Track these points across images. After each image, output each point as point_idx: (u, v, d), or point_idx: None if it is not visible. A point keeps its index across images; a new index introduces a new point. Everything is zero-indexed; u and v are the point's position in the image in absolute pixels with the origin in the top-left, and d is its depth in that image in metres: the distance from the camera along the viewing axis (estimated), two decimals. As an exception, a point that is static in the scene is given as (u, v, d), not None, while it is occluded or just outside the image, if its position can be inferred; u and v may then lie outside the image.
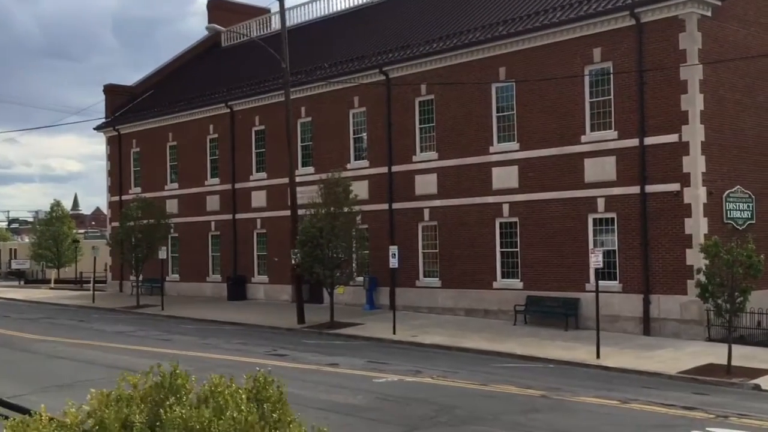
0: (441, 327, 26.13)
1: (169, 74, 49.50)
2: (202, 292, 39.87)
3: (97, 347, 19.73)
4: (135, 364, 17.05)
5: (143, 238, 35.98)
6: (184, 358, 18.36)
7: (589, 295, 25.00)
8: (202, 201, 40.14)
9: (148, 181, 43.35)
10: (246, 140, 37.82)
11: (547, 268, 26.23)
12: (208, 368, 16.50)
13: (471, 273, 28.43)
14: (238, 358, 18.30)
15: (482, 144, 28.14)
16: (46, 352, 17.69)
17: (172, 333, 24.73)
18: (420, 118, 30.38)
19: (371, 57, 32.51)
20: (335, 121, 33.43)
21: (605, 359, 19.93)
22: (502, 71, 27.49)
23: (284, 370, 16.51)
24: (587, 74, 25.22)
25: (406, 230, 30.56)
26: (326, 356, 19.17)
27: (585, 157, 25.27)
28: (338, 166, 32.56)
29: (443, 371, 16.69)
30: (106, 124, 46.73)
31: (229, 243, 38.55)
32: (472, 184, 28.46)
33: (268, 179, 36.63)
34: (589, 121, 25.26)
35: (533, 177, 26.65)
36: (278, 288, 36.15)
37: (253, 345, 21.51)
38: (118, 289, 45.16)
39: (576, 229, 25.47)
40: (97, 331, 24.80)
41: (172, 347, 20.38)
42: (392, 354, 20.62)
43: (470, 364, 18.93)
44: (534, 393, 14.09)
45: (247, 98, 37.56)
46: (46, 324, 27.45)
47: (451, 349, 22.43)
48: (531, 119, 26.67)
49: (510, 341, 22.98)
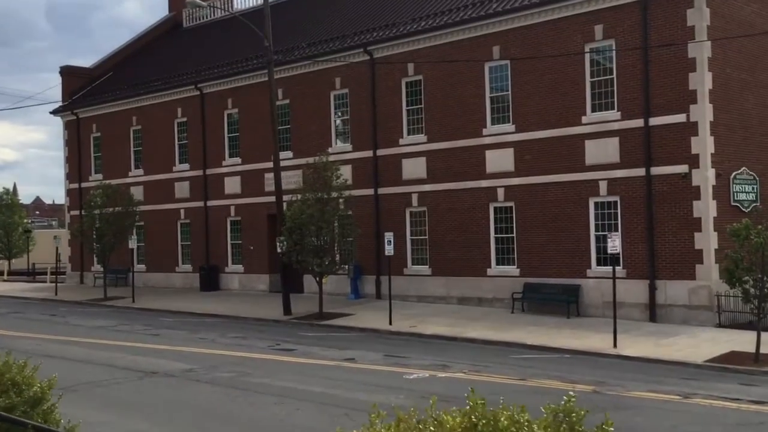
0: (437, 316, 25.10)
1: (128, 56, 47.29)
2: (171, 282, 38.10)
3: (85, 344, 18.17)
4: (134, 363, 15.63)
5: (110, 226, 34.05)
6: (183, 355, 17.01)
7: (590, 282, 24.30)
8: (170, 187, 38.31)
9: (110, 167, 41.25)
10: (218, 124, 36.12)
11: (545, 254, 25.37)
12: (218, 366, 15.17)
13: (463, 260, 27.43)
14: (243, 354, 16.97)
15: (475, 126, 27.10)
16: (32, 351, 16.01)
17: (156, 327, 23.16)
18: (407, 100, 29.17)
19: (354, 36, 31.17)
20: (315, 103, 32.01)
21: (622, 348, 19.14)
22: (496, 50, 26.45)
23: (302, 367, 15.30)
24: (588, 52, 24.35)
25: (393, 216, 29.39)
26: (337, 350, 17.94)
27: (586, 139, 24.42)
28: (319, 150, 31.21)
29: (471, 365, 15.63)
30: (64, 107, 44.35)
31: (200, 231, 36.85)
32: (464, 168, 27.42)
33: (242, 164, 35.03)
34: (590, 102, 24.40)
35: (530, 160, 25.72)
36: (254, 277, 34.67)
37: (252, 339, 20.14)
38: (79, 280, 43.01)
39: (576, 214, 24.64)
40: (76, 327, 23.08)
41: (165, 343, 18.92)
42: (399, 346, 19.50)
43: (486, 355, 17.92)
44: (584, 389, 13.13)
45: (219, 80, 35.84)
46: (17, 319, 25.55)
47: (456, 339, 21.41)
48: (527, 100, 25.70)
49: (515, 330, 22.06)
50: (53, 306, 31.46)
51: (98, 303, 32.66)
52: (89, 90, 44.77)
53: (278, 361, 16.06)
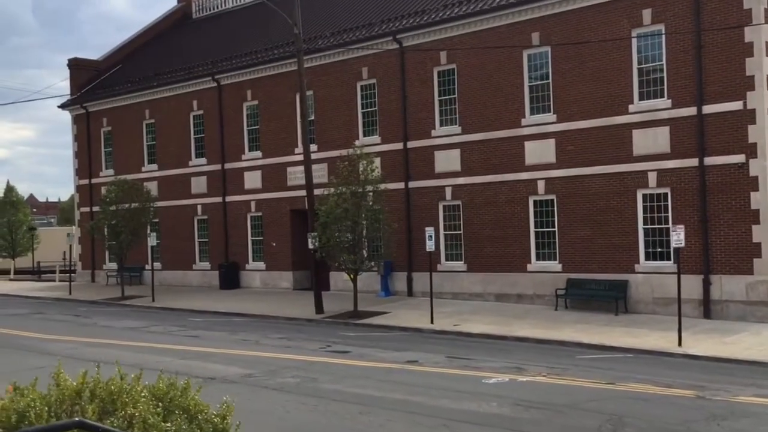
0: (477, 314, 24.11)
1: (137, 48, 46.14)
2: (188, 281, 37.02)
3: (124, 347, 17.08)
4: (187, 368, 14.55)
5: (126, 223, 32.94)
6: (234, 358, 15.97)
7: (639, 277, 23.36)
8: (187, 183, 37.19)
9: (122, 162, 40.09)
10: (236, 116, 35.01)
11: (589, 249, 24.40)
12: (278, 371, 14.15)
13: (501, 255, 26.45)
14: (297, 357, 15.93)
15: (512, 116, 26.09)
16: (71, 355, 14.98)
17: (189, 328, 22.09)
18: (439, 90, 28.14)
19: (382, 24, 30.11)
20: (340, 94, 30.95)
21: (687, 347, 18.20)
22: (536, 36, 25.43)
23: (366, 371, 14.28)
24: (635, 37, 23.34)
25: (425, 211, 28.39)
26: (393, 352, 16.92)
27: (633, 128, 23.43)
28: (345, 142, 30.21)
29: (545, 367, 14.65)
30: (72, 101, 43.14)
31: (218, 228, 35.77)
32: (502, 160, 26.42)
33: (262, 158, 33.95)
34: (637, 89, 23.42)
35: (573, 151, 24.73)
36: (276, 275, 33.62)
37: (297, 340, 19.07)
38: (90, 279, 41.85)
39: (623, 207, 23.67)
40: (106, 328, 21.97)
41: (207, 345, 17.86)
42: (453, 346, 18.50)
43: (550, 356, 16.94)
44: (684, 393, 12.18)
45: (237, 71, 34.70)
46: (41, 320, 24.42)
47: (506, 338, 20.41)
48: (569, 88, 24.70)
49: (565, 328, 21.08)
50: (72, 306, 30.33)
51: (116, 302, 31.55)
52: (98, 83, 43.57)
53: (337, 364, 15.04)
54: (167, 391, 4.42)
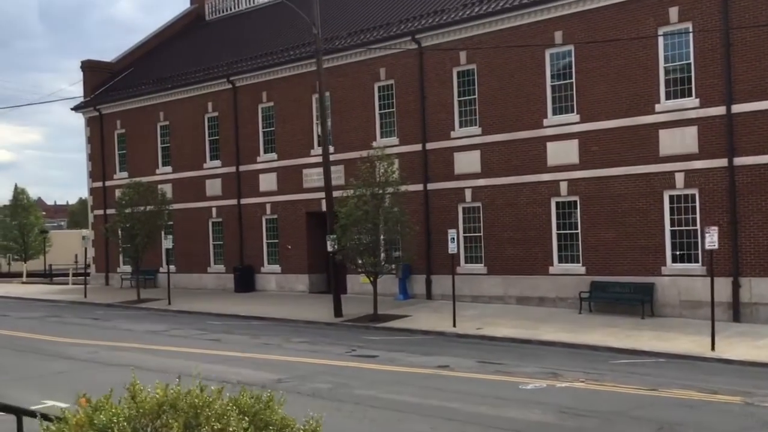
0: (500, 317, 23.70)
1: (150, 50, 45.92)
2: (202, 284, 36.71)
3: (145, 350, 16.77)
4: (213, 372, 14.18)
5: (142, 226, 32.64)
6: (260, 362, 15.61)
7: (665, 280, 22.91)
8: (201, 185, 36.89)
9: (136, 164, 39.82)
10: (251, 118, 34.70)
11: (613, 251, 23.95)
12: (308, 376, 13.77)
13: (522, 258, 26.03)
14: (323, 361, 15.56)
15: (534, 116, 25.69)
16: (92, 359, 14.67)
17: (210, 331, 21.74)
18: (459, 90, 27.76)
19: (400, 24, 29.75)
20: (357, 95, 30.59)
21: (720, 351, 17.74)
22: (558, 35, 25.03)
23: (397, 376, 13.90)
24: (661, 35, 22.92)
25: (444, 213, 28.00)
26: (421, 356, 16.55)
27: (660, 128, 23.00)
28: (361, 144, 29.89)
29: (582, 373, 14.24)
30: (86, 103, 42.93)
31: (233, 230, 35.45)
32: (523, 161, 26.01)
33: (278, 160, 33.61)
34: (663, 88, 22.99)
35: (597, 151, 24.31)
36: (292, 278, 33.27)
37: (320, 344, 18.70)
38: (104, 282, 41.58)
39: (649, 208, 23.23)
40: (126, 331, 21.64)
41: (230, 349, 17.50)
42: (480, 350, 18.11)
43: (582, 360, 16.54)
44: (731, 400, 11.77)
45: (252, 72, 34.38)
46: (58, 324, 24.11)
47: (532, 342, 20.00)
48: (593, 87, 24.29)
49: (592, 332, 20.65)
50: (88, 309, 30.04)
51: (132, 305, 31.24)
52: (112, 85, 43.36)
53: (367, 369, 14.68)
54: (253, 405, 4.05)
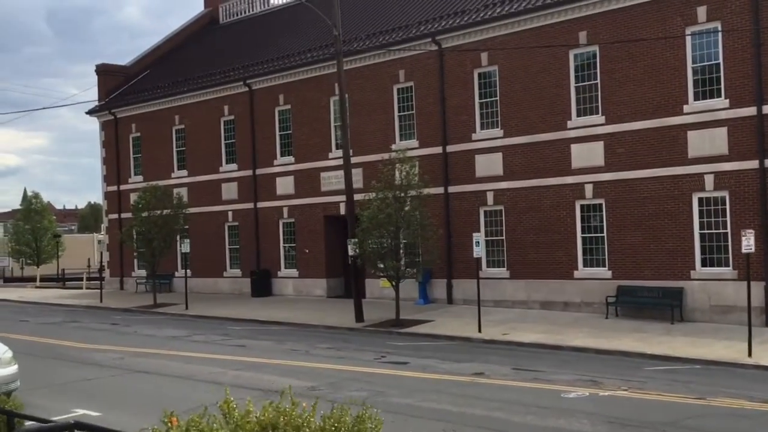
0: (524, 322, 23.30)
1: (165, 54, 45.75)
2: (218, 288, 36.40)
3: (171, 357, 16.43)
4: (243, 380, 13.88)
5: (159, 230, 32.37)
6: (289, 369, 15.22)
7: (695, 284, 22.46)
8: (217, 189, 36.62)
9: (151, 168, 39.58)
10: (268, 121, 34.40)
11: (640, 255, 23.52)
12: (340, 383, 13.41)
13: (546, 262, 25.62)
14: (354, 368, 15.19)
15: (558, 118, 25.30)
16: (118, 365, 14.36)
17: (232, 337, 21.40)
18: (480, 92, 27.40)
19: (419, 25, 29.42)
20: (375, 97, 30.26)
21: (757, 357, 17.30)
22: (582, 36, 24.65)
23: (433, 384, 13.52)
24: (689, 35, 22.51)
25: (465, 216, 27.61)
26: (452, 363, 16.16)
27: (688, 130, 22.58)
28: (380, 147, 29.58)
29: (621, 380, 13.83)
30: (101, 107, 42.76)
31: (250, 234, 35.15)
32: (546, 164, 25.61)
33: (295, 163, 33.31)
34: (692, 89, 22.57)
35: (623, 153, 23.89)
36: (310, 282, 32.93)
37: (347, 350, 18.33)
38: (119, 286, 41.35)
39: (677, 211, 22.80)
40: (148, 337, 21.32)
41: (256, 355, 17.14)
42: (511, 357, 17.70)
43: (617, 367, 16.13)
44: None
45: (269, 75, 34.10)
46: (78, 329, 23.80)
47: (562, 348, 19.58)
48: (619, 89, 23.88)
49: (622, 337, 20.21)
50: (105, 314, 29.76)
51: (149, 310, 30.96)
52: (126, 89, 43.18)
53: (400, 376, 14.30)
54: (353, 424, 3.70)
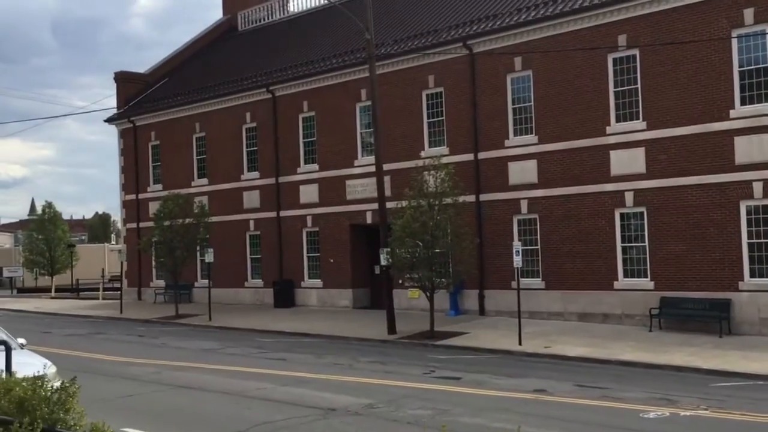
0: (565, 335, 22.49)
1: (184, 61, 45.29)
2: (239, 298, 35.68)
3: (211, 371, 15.70)
4: (294, 397, 13.14)
5: (182, 239, 31.71)
6: (339, 385, 14.45)
7: (743, 296, 21.64)
8: (238, 197, 35.97)
9: (171, 176, 38.98)
10: (292, 128, 33.76)
11: (685, 265, 22.72)
12: (397, 401, 12.64)
13: (583, 272, 24.84)
14: (406, 384, 14.41)
15: (596, 124, 24.57)
16: (157, 380, 13.66)
17: (267, 349, 20.64)
18: (513, 97, 26.70)
19: (450, 30, 28.78)
20: (404, 104, 29.57)
21: (822, 373, 16.48)
22: (622, 39, 23.94)
23: (499, 401, 12.76)
24: (735, 38, 21.78)
25: (498, 224, 26.86)
26: (507, 378, 15.38)
27: (735, 135, 21.82)
28: (408, 154, 28.91)
29: (698, 399, 13.02)
30: (119, 115, 42.23)
31: (272, 244, 34.45)
32: (584, 171, 24.87)
33: (319, 171, 32.64)
34: (738, 94, 21.82)
35: (665, 160, 23.14)
36: (335, 293, 32.18)
37: (392, 364, 17.54)
38: (137, 297, 40.65)
39: (724, 219, 22.01)
40: (179, 349, 20.60)
41: (300, 369, 16.35)
42: (563, 372, 16.91)
43: (679, 383, 15.34)
44: None
45: (293, 81, 33.48)
46: (105, 341, 23.08)
47: (610, 362, 18.76)
48: (661, 93, 23.15)
49: (673, 352, 19.37)
50: (128, 325, 29.06)
51: (171, 321, 30.25)
52: (145, 96, 42.65)
53: (457, 393, 13.55)
54: None
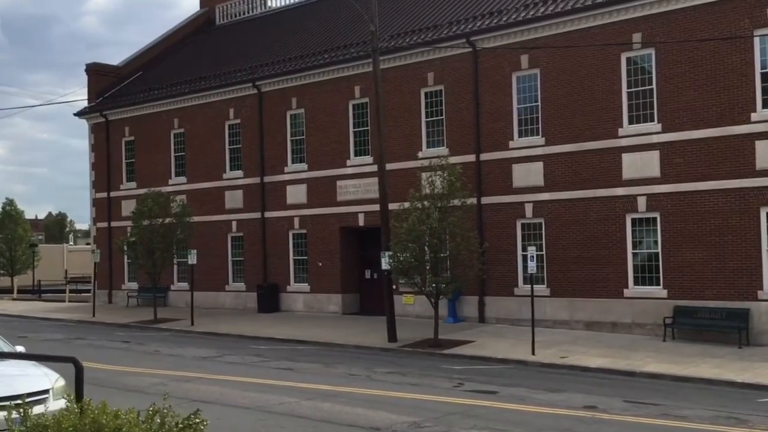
0: (577, 344, 21.50)
1: (158, 54, 43.46)
2: (219, 302, 34.04)
3: (218, 382, 14.27)
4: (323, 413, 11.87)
5: (162, 239, 30.04)
6: (368, 399, 13.08)
7: (763, 305, 20.87)
8: (220, 197, 34.37)
9: (146, 174, 37.18)
10: (279, 126, 32.31)
11: (700, 273, 21.88)
12: (443, 418, 11.39)
13: (592, 279, 23.90)
14: (444, 399, 13.17)
15: (607, 126, 23.66)
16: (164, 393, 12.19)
17: (267, 357, 19.18)
18: (519, 97, 25.68)
19: (451, 25, 27.68)
20: (400, 102, 28.37)
21: None
22: (637, 37, 23.07)
23: (553, 419, 11.63)
24: (758, 36, 21.03)
25: (500, 228, 25.80)
26: (546, 392, 14.25)
27: (756, 139, 21.05)
28: (404, 154, 27.75)
29: (759, 417, 12.04)
30: (90, 108, 40.26)
31: (256, 246, 32.93)
32: (593, 174, 23.94)
33: (308, 171, 31.25)
34: (760, 96, 21.07)
35: (681, 164, 22.29)
36: (323, 298, 30.80)
37: (413, 376, 16.26)
38: (107, 300, 38.67)
39: (743, 226, 21.22)
40: (174, 357, 19.03)
41: (316, 381, 15.00)
42: (595, 385, 15.87)
43: (719, 398, 14.37)
44: None
45: (281, 76, 32.04)
46: (89, 347, 21.28)
47: (635, 374, 17.76)
48: (678, 94, 22.31)
49: (697, 363, 18.48)
50: (105, 329, 27.27)
51: (151, 326, 28.54)
52: (119, 90, 40.78)
53: (505, 409, 12.39)
54: None
